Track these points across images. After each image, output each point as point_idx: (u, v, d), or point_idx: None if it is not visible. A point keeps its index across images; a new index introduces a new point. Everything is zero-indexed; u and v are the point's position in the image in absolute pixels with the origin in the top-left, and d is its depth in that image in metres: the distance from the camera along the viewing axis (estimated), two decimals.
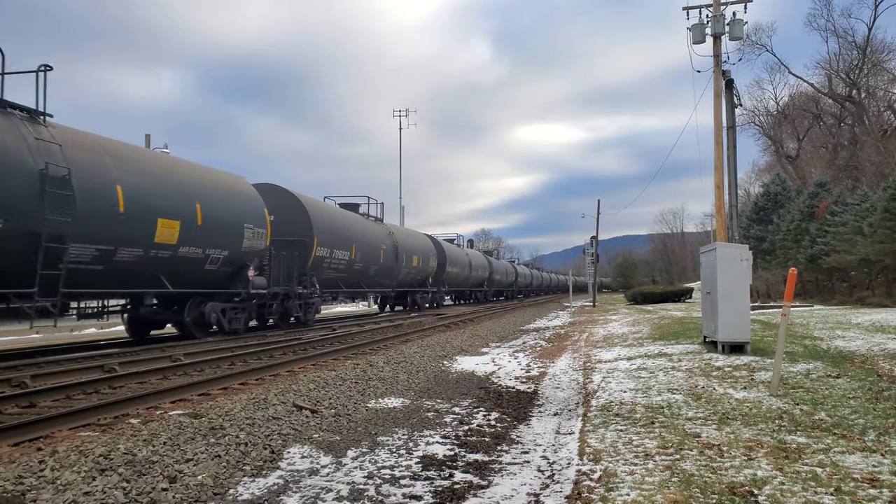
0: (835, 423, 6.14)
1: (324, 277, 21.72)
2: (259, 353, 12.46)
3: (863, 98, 51.47)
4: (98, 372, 9.95)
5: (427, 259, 33.66)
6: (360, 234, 24.89)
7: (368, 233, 26.05)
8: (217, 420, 6.58)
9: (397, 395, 9.08)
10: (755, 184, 70.97)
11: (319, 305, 22.17)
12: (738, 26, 19.11)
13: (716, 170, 18.64)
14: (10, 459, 5.10)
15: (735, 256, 11.61)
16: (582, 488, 4.60)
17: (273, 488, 4.96)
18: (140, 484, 4.75)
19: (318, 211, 21.51)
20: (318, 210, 21.77)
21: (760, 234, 46.45)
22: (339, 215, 24.18)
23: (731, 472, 4.68)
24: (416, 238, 33.71)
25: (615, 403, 7.54)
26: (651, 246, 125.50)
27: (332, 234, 21.85)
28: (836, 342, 13.22)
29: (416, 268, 31.88)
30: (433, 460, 5.68)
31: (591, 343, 16.20)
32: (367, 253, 25.03)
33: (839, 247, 31.79)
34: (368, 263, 25.29)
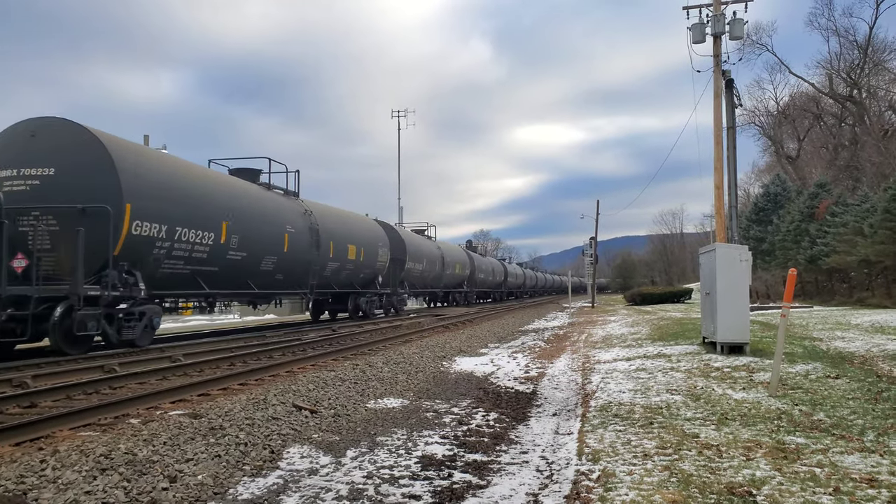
0: (834, 424, 6.15)
1: (160, 273, 13.93)
2: (259, 353, 12.48)
3: (864, 98, 51.48)
4: (98, 372, 9.97)
5: (373, 250, 25.38)
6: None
7: (261, 207, 17.85)
8: (217, 420, 6.59)
9: (396, 395, 9.09)
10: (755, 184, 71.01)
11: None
12: (738, 26, 19.12)
13: (715, 170, 18.64)
14: (12, 459, 5.11)
15: (734, 257, 11.62)
16: (581, 488, 4.61)
17: (273, 488, 4.98)
18: (140, 483, 4.76)
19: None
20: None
21: (760, 235, 46.47)
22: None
23: (729, 473, 4.69)
24: (354, 221, 25.18)
25: (614, 404, 7.56)
26: (650, 247, 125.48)
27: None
28: (835, 343, 13.24)
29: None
30: (432, 460, 5.69)
31: (589, 344, 16.22)
32: (258, 238, 17.21)
33: (839, 247, 31.80)
34: (260, 253, 17.42)
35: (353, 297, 24.63)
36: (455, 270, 39.48)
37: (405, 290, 30.28)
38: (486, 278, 49.16)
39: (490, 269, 51.26)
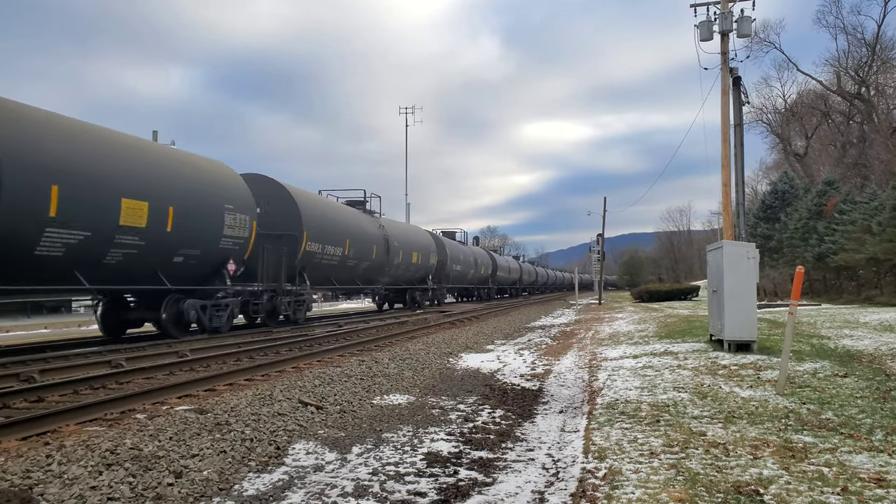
0: (842, 423, 6.11)
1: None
2: (265, 349, 12.49)
3: (872, 96, 51.14)
4: (105, 367, 10.00)
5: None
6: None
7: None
8: (223, 416, 6.60)
9: (402, 391, 9.09)
10: (762, 182, 70.66)
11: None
12: (745, 23, 19.03)
13: (723, 167, 18.57)
14: (18, 453, 5.13)
15: (742, 255, 11.57)
16: (587, 486, 4.59)
17: (278, 484, 4.98)
18: (146, 479, 4.77)
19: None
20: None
21: (768, 233, 46.25)
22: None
23: (736, 471, 4.67)
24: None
25: (621, 401, 7.53)
26: (657, 244, 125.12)
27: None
28: (843, 341, 13.16)
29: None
30: (438, 457, 5.68)
31: (596, 341, 16.18)
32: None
33: (847, 245, 31.63)
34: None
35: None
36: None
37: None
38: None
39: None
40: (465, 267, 40.39)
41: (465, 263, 40.12)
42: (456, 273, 38.22)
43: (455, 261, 37.66)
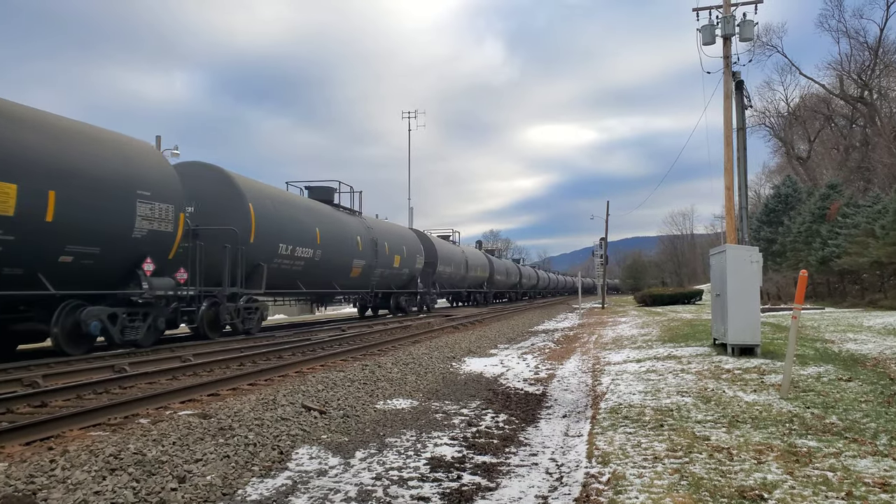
0: (846, 427, 6.09)
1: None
2: (268, 353, 12.50)
3: (875, 99, 51.11)
4: (108, 372, 10.01)
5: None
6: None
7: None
8: (226, 420, 6.60)
9: (406, 396, 9.08)
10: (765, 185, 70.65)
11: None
12: (748, 27, 19.01)
13: (726, 171, 18.55)
14: (22, 458, 5.13)
15: (745, 258, 11.55)
16: (590, 491, 4.58)
17: (281, 489, 4.98)
18: (149, 484, 4.77)
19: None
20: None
21: (771, 236, 46.19)
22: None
23: (740, 476, 4.65)
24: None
25: (624, 406, 7.52)
26: (661, 248, 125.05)
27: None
28: (847, 345, 13.13)
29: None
30: (441, 462, 5.68)
31: (599, 345, 16.16)
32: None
33: (851, 249, 31.57)
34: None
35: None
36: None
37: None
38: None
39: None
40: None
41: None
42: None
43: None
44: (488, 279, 46.77)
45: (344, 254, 22.74)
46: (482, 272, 44.55)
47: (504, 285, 53.95)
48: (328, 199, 23.90)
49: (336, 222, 22.70)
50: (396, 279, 28.64)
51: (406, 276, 29.66)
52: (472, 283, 42.62)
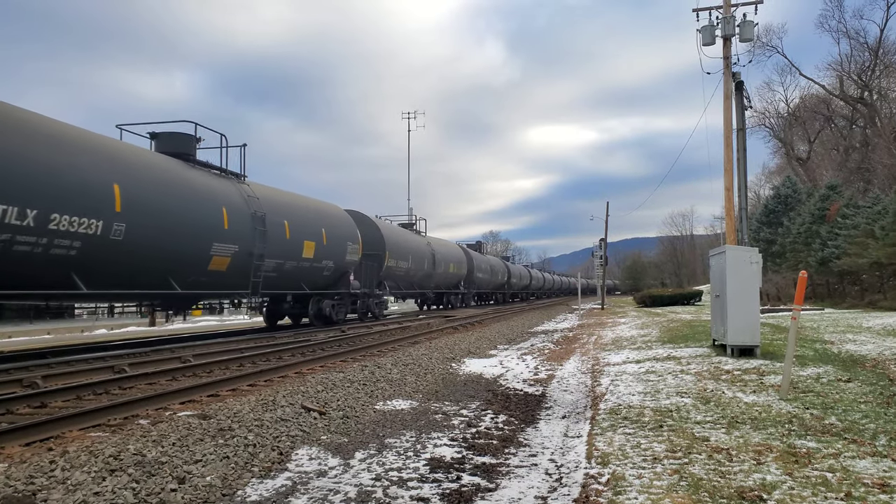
0: (845, 428, 6.10)
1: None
2: (268, 354, 12.50)
3: (875, 100, 51.15)
4: (108, 373, 10.01)
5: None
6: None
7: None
8: (226, 421, 6.60)
9: (405, 397, 9.08)
10: (765, 186, 70.68)
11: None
12: (748, 28, 19.02)
13: (725, 172, 18.56)
14: (22, 459, 5.14)
15: (744, 259, 11.56)
16: (590, 492, 4.59)
17: (281, 490, 4.98)
18: (149, 484, 4.77)
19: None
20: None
21: (770, 237, 46.20)
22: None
23: (740, 477, 4.66)
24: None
25: (623, 407, 7.52)
26: (660, 248, 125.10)
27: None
28: (846, 346, 13.13)
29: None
30: (441, 463, 5.68)
31: (599, 346, 16.16)
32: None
33: (850, 250, 31.58)
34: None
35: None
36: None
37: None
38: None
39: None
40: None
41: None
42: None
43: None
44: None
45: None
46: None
47: (488, 285, 47.81)
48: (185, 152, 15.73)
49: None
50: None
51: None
52: (442, 281, 36.11)
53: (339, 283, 22.29)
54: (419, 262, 31.57)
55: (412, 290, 32.63)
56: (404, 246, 29.75)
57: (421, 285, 33.12)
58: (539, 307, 47.62)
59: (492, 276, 47.84)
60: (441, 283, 36.09)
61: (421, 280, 32.55)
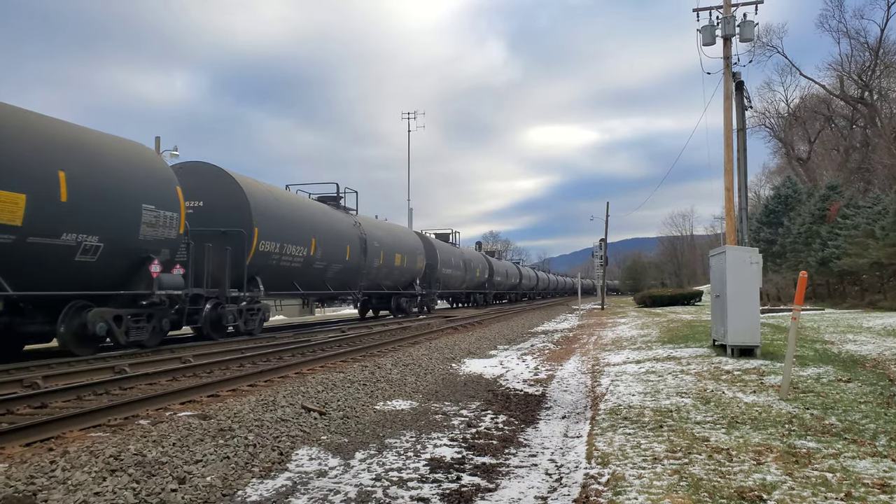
0: (845, 428, 6.10)
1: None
2: (268, 354, 12.51)
3: (875, 100, 51.13)
4: (108, 373, 10.02)
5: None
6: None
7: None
8: (226, 421, 6.61)
9: (405, 397, 9.09)
10: (765, 186, 70.62)
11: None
12: (748, 28, 19.02)
13: (726, 172, 18.56)
14: (22, 459, 5.14)
15: (745, 259, 11.56)
16: (590, 492, 4.59)
17: (281, 490, 4.98)
18: (150, 485, 4.78)
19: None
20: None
21: (771, 237, 46.20)
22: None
23: (740, 477, 4.66)
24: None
25: (623, 407, 7.52)
26: (660, 248, 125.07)
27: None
28: (847, 346, 13.14)
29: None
30: (441, 463, 5.69)
31: (599, 346, 16.16)
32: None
33: (850, 250, 31.58)
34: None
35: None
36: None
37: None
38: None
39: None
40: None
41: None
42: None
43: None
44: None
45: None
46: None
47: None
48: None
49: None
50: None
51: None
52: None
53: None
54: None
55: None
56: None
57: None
58: (539, 307, 47.69)
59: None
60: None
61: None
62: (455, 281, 38.09)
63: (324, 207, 22.81)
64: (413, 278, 30.26)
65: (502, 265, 54.38)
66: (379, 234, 26.19)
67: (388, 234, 27.65)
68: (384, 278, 26.80)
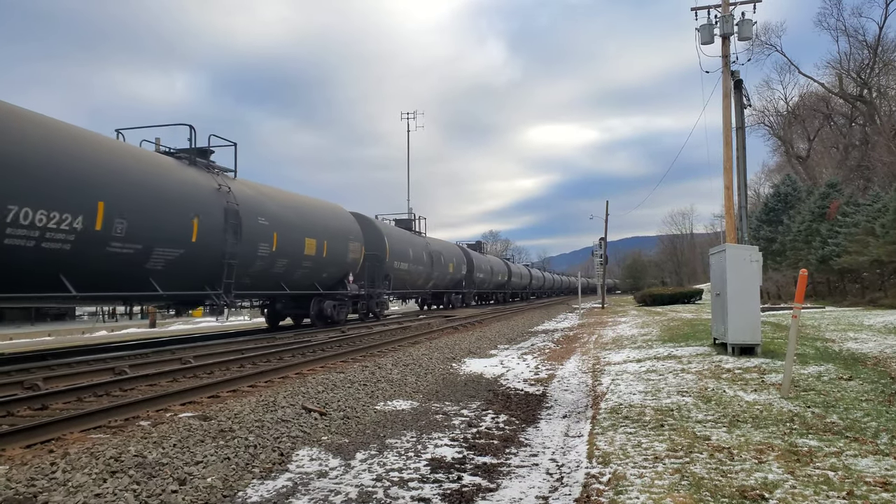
0: (847, 426, 6.09)
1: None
2: (268, 355, 12.50)
3: (874, 98, 51.10)
4: (109, 374, 10.01)
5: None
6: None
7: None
8: (226, 422, 6.60)
9: (406, 397, 9.08)
10: (765, 184, 70.64)
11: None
12: (747, 26, 19.01)
13: (725, 171, 18.55)
14: (23, 461, 5.14)
15: (745, 258, 11.55)
16: (591, 491, 4.58)
17: (282, 490, 4.97)
18: (150, 486, 4.77)
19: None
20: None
21: (770, 235, 46.18)
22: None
23: (741, 476, 4.65)
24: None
25: (624, 406, 7.52)
26: (660, 247, 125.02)
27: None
28: (847, 344, 13.13)
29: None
30: (442, 463, 5.68)
31: (600, 345, 16.16)
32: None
33: (851, 248, 31.57)
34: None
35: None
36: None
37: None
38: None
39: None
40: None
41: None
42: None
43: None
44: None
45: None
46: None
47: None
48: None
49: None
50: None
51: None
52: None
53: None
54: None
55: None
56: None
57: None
58: (539, 307, 47.61)
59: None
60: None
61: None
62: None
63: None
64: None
65: (486, 260, 47.10)
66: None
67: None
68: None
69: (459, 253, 39.67)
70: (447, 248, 37.51)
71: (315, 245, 19.56)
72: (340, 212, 23.16)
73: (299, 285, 19.49)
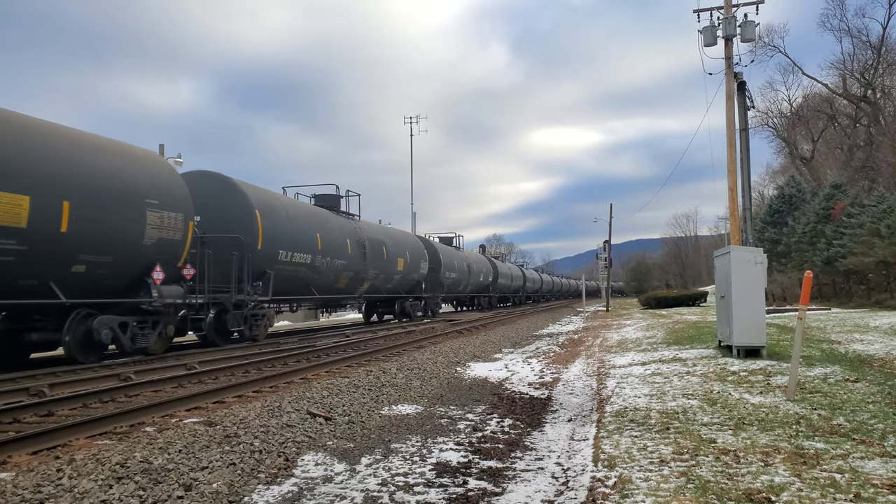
0: (853, 428, 6.07)
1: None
2: (273, 360, 12.51)
3: (878, 98, 51.01)
4: (114, 380, 10.03)
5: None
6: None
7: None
8: (232, 428, 6.61)
9: (410, 401, 9.08)
10: (769, 186, 70.50)
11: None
12: (749, 28, 19.01)
13: (729, 172, 18.54)
14: (29, 468, 5.15)
15: (749, 260, 11.53)
16: (596, 495, 4.57)
17: (287, 496, 4.98)
18: (156, 492, 4.78)
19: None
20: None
21: (775, 237, 46.07)
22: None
23: (747, 479, 4.64)
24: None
25: (630, 409, 7.50)
26: (664, 250, 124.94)
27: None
28: (853, 345, 13.08)
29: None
30: (447, 467, 5.67)
31: (604, 348, 16.13)
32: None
33: (856, 249, 31.46)
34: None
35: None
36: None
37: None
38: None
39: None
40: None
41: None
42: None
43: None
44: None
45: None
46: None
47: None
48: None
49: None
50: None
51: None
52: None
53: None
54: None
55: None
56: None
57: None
58: (544, 310, 47.63)
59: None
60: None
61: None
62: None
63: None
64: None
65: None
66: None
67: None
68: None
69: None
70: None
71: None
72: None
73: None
